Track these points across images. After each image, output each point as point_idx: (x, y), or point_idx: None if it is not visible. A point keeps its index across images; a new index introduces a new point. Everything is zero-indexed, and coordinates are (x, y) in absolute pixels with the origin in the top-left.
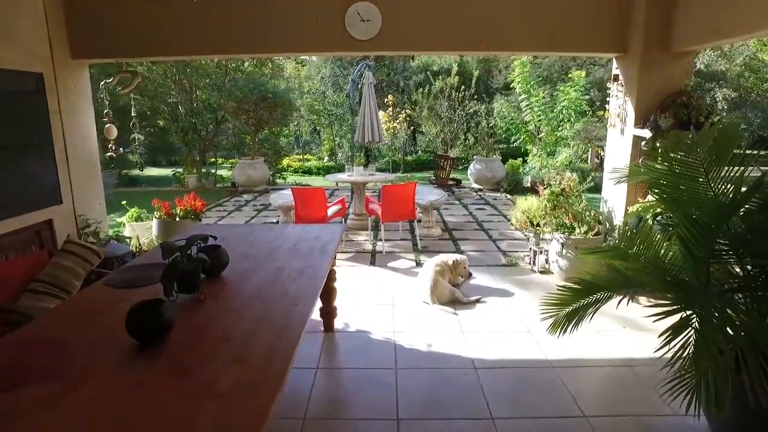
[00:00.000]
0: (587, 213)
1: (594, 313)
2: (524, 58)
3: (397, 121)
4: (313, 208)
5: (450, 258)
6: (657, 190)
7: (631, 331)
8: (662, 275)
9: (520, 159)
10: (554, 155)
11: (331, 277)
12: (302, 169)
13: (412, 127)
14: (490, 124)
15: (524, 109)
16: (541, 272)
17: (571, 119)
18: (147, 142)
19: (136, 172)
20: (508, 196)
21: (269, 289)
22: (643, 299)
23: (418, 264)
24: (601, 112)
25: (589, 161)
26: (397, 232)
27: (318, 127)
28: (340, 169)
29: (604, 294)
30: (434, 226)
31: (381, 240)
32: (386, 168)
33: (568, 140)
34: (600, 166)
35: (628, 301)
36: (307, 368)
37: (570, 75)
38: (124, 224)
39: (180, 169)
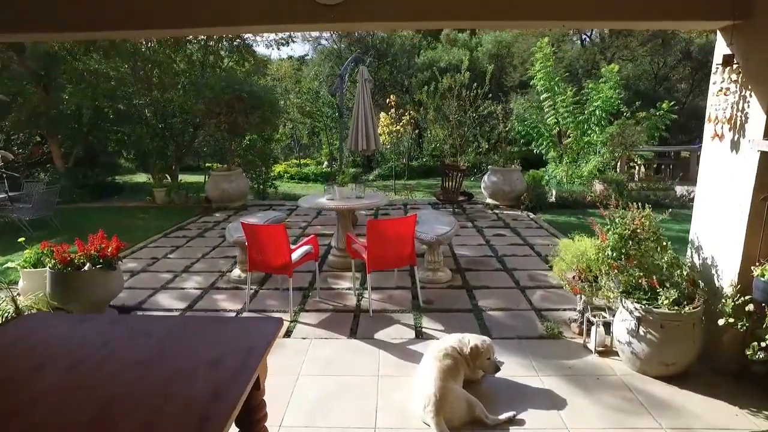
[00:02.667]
0: (676, 270)
1: None
2: (547, 50)
3: (401, 123)
4: (271, 251)
5: (466, 342)
6: None
7: None
8: None
9: (542, 169)
10: (577, 162)
11: (258, 405)
12: (299, 175)
13: (417, 130)
14: (507, 128)
15: (547, 109)
16: (601, 353)
17: (602, 122)
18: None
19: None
20: (531, 215)
21: None
22: None
23: (419, 335)
24: (642, 113)
25: (618, 170)
26: (392, 275)
27: (317, 130)
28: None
29: None
30: (441, 268)
31: (369, 289)
32: (389, 174)
33: (596, 146)
34: (630, 178)
35: None
36: None
37: (602, 69)
38: (19, 269)
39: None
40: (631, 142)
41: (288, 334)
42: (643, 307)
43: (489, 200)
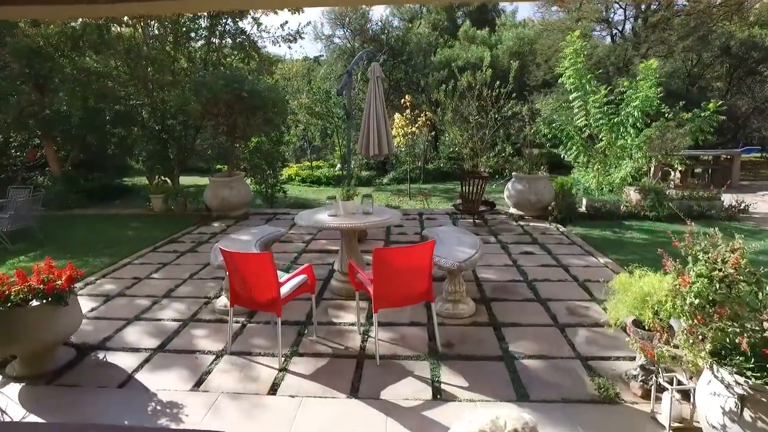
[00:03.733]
0: None
1: None
2: (577, 45)
3: (416, 125)
4: (256, 285)
5: (501, 426)
6: None
7: None
8: None
9: (571, 176)
10: (607, 168)
11: None
12: (311, 178)
13: (433, 132)
14: (532, 130)
15: (576, 110)
16: (678, 430)
17: (637, 123)
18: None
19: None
20: (560, 228)
21: None
22: None
23: (437, 393)
24: (685, 114)
25: (651, 177)
26: (404, 310)
27: (329, 131)
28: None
29: None
30: (463, 299)
31: (375, 327)
32: (403, 177)
33: (630, 150)
34: (667, 185)
35: None
36: None
37: (640, 66)
38: None
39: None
40: (673, 146)
41: (274, 389)
42: (750, 383)
43: (513, 210)
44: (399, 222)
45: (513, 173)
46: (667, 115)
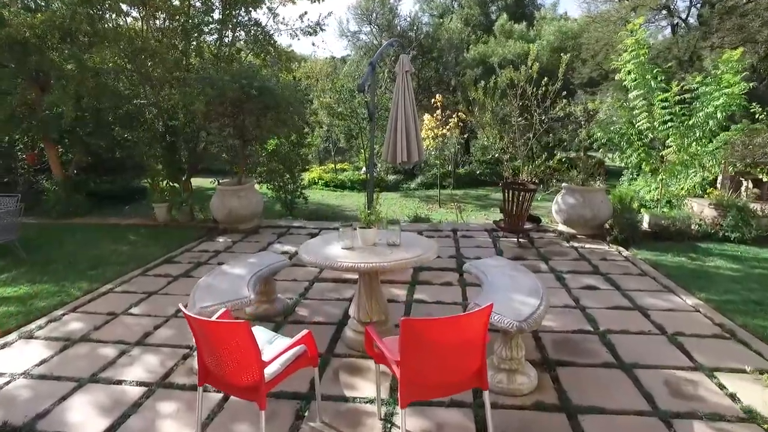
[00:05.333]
0: None
1: None
2: (640, 35)
3: (447, 126)
4: (229, 362)
5: None
6: None
7: None
8: None
9: (629, 187)
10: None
11: None
12: (334, 182)
13: (465, 134)
14: (590, 134)
15: (638, 111)
16: None
17: (713, 126)
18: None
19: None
20: (623, 252)
21: None
22: None
23: None
24: None
25: (720, 187)
26: None
27: (354, 132)
28: (379, 183)
29: None
30: (522, 368)
31: (404, 419)
32: (432, 182)
33: (701, 158)
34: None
35: None
36: None
37: (721, 57)
38: None
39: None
40: (764, 153)
41: None
42: None
43: (562, 227)
44: (435, 255)
45: (563, 184)
46: (758, 115)
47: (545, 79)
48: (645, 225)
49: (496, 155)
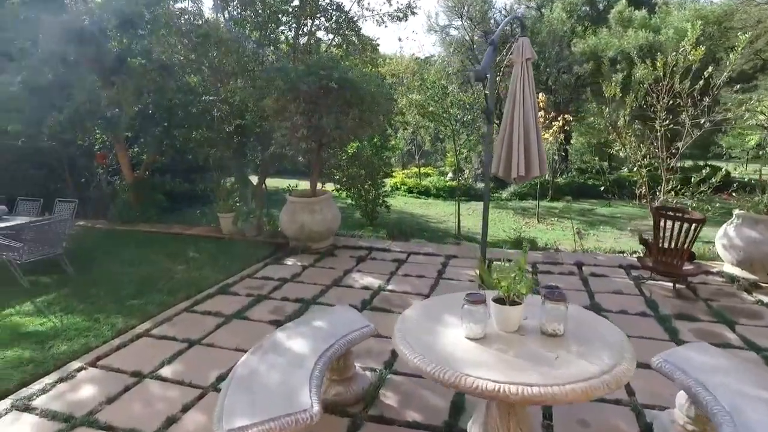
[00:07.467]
0: None
1: None
2: None
3: (550, 130)
4: None
5: None
6: None
7: None
8: None
9: None
10: None
11: None
12: (418, 188)
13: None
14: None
15: None
16: None
17: None
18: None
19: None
20: None
21: None
22: None
23: None
24: None
25: None
26: None
27: (442, 135)
28: (466, 192)
29: None
30: None
31: None
32: (527, 192)
33: None
34: None
35: None
36: None
37: None
38: None
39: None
40: None
41: None
42: None
43: (733, 270)
44: (635, 366)
45: (736, 211)
46: None
47: (710, 68)
48: None
49: (635, 168)
